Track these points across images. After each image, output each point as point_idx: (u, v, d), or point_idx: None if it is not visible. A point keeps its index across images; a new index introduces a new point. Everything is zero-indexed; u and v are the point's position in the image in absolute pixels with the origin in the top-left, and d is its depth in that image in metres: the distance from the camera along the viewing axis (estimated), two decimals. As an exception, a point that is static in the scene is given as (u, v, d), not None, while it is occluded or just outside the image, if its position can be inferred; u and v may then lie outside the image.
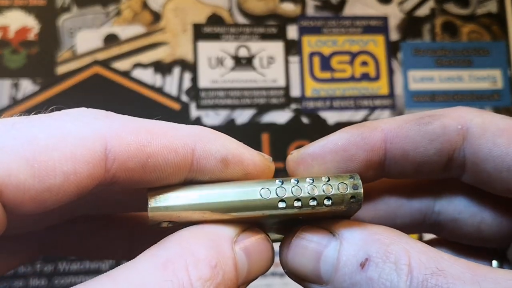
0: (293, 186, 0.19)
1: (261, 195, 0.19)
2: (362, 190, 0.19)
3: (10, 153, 0.15)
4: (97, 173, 0.16)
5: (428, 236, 0.26)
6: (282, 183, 0.19)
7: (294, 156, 0.21)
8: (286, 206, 0.19)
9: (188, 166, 0.18)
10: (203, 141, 0.18)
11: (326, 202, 0.19)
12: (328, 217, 0.20)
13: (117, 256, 0.26)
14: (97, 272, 0.54)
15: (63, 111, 0.17)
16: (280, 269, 0.57)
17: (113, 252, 0.25)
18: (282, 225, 0.21)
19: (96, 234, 0.24)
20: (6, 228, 0.16)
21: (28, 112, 0.16)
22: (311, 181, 0.19)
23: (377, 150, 0.21)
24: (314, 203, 0.19)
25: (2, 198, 0.15)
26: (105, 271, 0.16)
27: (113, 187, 0.18)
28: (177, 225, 0.19)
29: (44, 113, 0.17)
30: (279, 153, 0.61)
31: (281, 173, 0.21)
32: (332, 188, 0.19)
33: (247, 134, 0.61)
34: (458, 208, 0.23)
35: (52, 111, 0.17)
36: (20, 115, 0.17)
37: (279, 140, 0.61)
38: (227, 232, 0.18)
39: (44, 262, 0.54)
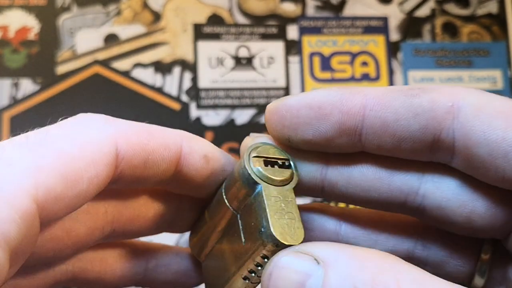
0: None
1: None
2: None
3: (47, 171, 0.16)
4: (112, 172, 0.18)
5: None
6: None
7: (272, 105, 0.21)
8: None
9: (177, 161, 0.20)
10: (188, 139, 0.21)
11: None
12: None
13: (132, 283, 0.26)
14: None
15: (75, 119, 0.19)
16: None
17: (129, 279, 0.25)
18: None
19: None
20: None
21: (28, 112, 0.17)
22: None
23: (353, 115, 0.19)
24: None
25: (44, 213, 0.16)
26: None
27: (119, 184, 0.20)
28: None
29: (56, 122, 0.19)
30: (279, 153, 0.61)
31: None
32: None
33: (247, 134, 0.61)
34: (445, 195, 0.20)
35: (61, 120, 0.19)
36: (33, 129, 0.18)
37: (279, 140, 0.61)
38: None
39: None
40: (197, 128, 0.60)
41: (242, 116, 0.61)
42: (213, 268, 0.22)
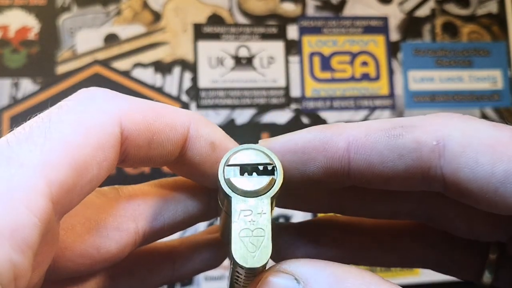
0: None
1: None
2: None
3: (57, 165, 0.16)
4: (119, 152, 0.18)
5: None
6: None
7: (260, 144, 0.20)
8: None
9: (183, 143, 0.19)
10: (196, 122, 0.20)
11: None
12: None
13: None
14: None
15: (75, 100, 0.18)
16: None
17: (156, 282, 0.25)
18: None
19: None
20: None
21: (28, 112, 0.17)
22: None
23: (338, 159, 0.19)
24: None
25: (58, 208, 0.16)
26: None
27: (125, 163, 0.19)
28: None
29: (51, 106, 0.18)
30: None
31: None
32: None
33: (247, 134, 0.61)
34: (446, 214, 0.21)
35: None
36: (35, 115, 0.18)
37: (279, 140, 0.61)
38: None
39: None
40: (197, 128, 0.60)
41: (242, 116, 0.61)
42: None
